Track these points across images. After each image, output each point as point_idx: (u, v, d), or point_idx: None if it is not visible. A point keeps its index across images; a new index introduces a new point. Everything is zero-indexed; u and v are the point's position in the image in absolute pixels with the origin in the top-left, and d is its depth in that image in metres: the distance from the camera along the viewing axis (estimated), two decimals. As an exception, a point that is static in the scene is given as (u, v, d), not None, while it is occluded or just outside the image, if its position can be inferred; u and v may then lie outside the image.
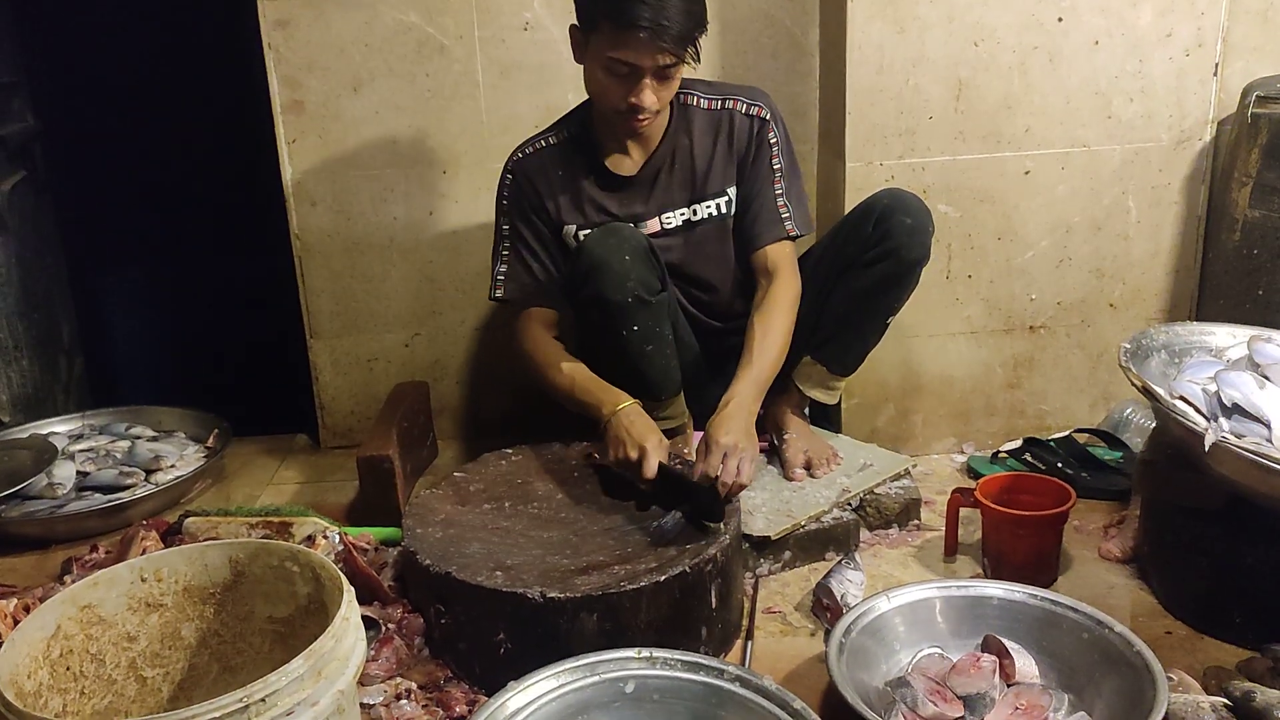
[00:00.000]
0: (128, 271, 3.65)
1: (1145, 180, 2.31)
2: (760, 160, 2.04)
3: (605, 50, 1.82)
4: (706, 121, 2.04)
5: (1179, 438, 1.69)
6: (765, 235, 2.04)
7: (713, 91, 2.05)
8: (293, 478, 2.51)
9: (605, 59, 1.83)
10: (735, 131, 2.03)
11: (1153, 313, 2.40)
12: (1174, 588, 1.80)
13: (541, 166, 2.04)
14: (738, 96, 2.04)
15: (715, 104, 2.04)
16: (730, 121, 2.03)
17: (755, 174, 2.04)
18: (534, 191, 2.04)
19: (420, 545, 1.70)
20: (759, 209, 2.04)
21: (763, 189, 2.04)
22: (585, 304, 1.94)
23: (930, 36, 2.19)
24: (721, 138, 2.03)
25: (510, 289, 2.07)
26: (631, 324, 1.93)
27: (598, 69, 1.86)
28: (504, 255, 2.08)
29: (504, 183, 2.07)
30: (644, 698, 1.45)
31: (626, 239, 1.91)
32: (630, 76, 1.83)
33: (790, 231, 2.04)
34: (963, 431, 2.45)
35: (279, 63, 2.37)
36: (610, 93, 1.87)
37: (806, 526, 1.96)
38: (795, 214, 2.05)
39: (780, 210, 2.04)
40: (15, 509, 2.22)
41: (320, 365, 2.60)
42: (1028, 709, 1.43)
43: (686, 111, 2.03)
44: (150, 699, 1.43)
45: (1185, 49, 2.23)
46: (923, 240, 2.01)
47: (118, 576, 1.39)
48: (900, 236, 1.99)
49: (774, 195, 2.04)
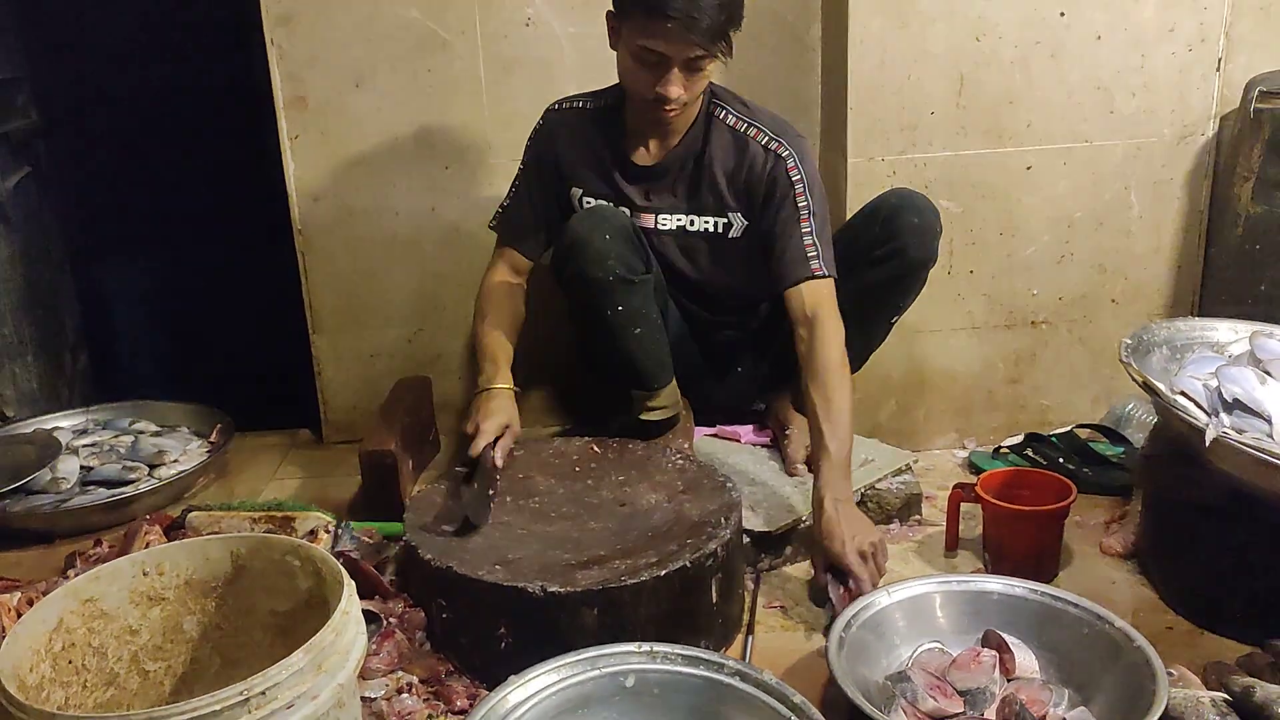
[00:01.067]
0: (131, 267, 3.66)
1: (1147, 175, 2.31)
2: (782, 198, 1.95)
3: (635, 38, 1.82)
4: (727, 140, 2.01)
5: (1180, 433, 1.69)
6: (794, 275, 1.91)
7: (744, 114, 2.01)
8: (295, 473, 2.52)
9: (635, 47, 1.83)
10: (748, 161, 1.98)
11: (1155, 308, 2.39)
12: (1175, 583, 1.80)
13: (570, 125, 2.08)
14: (763, 127, 1.99)
15: (741, 126, 2.00)
16: (745, 149, 1.99)
17: (779, 212, 1.95)
18: (555, 143, 2.08)
19: (421, 540, 1.71)
20: (787, 247, 1.93)
21: (789, 228, 1.94)
22: (569, 283, 1.96)
23: (932, 31, 2.18)
24: (733, 161, 2.00)
25: (502, 223, 2.13)
26: (615, 303, 1.94)
27: (628, 56, 1.87)
28: (513, 190, 2.13)
29: (536, 126, 2.13)
30: (644, 692, 1.45)
31: (608, 218, 1.93)
32: (659, 66, 1.83)
33: (816, 271, 1.91)
34: (964, 427, 2.45)
35: (281, 58, 2.37)
36: (639, 81, 1.88)
37: (807, 522, 1.96)
38: (824, 254, 1.93)
39: (808, 250, 1.92)
40: (19, 503, 2.23)
41: (323, 360, 2.61)
42: (1028, 704, 1.43)
43: (711, 124, 2.01)
44: (152, 692, 1.43)
45: (1188, 44, 2.22)
46: (930, 241, 2.00)
47: (119, 570, 1.39)
48: (907, 236, 1.98)
49: (801, 234, 1.93)
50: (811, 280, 1.91)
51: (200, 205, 3.56)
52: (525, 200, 2.11)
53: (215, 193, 3.48)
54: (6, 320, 2.64)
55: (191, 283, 3.63)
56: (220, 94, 3.33)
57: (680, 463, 1.93)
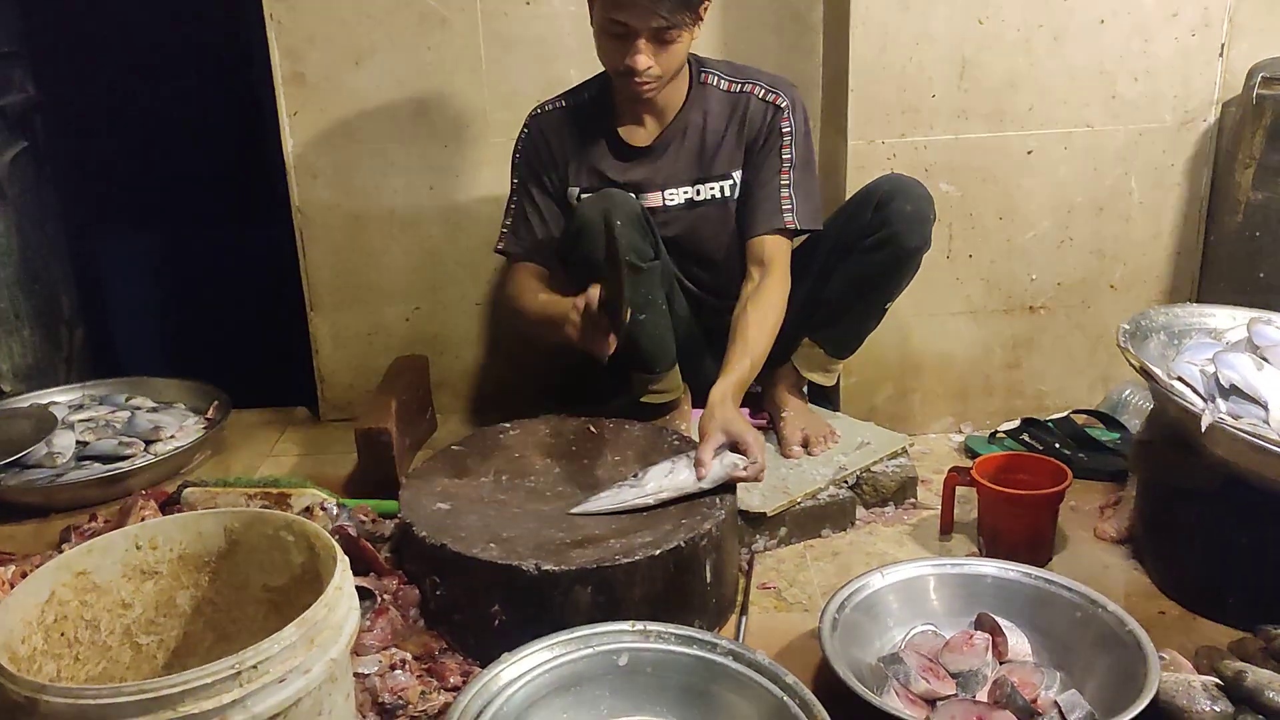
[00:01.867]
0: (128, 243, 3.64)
1: (1148, 161, 2.30)
2: (769, 148, 2.00)
3: (604, 10, 1.84)
4: (723, 103, 2.02)
5: (1176, 418, 1.69)
6: (762, 224, 2.00)
7: (735, 74, 2.03)
8: (292, 450, 2.52)
9: (604, 19, 1.85)
10: (749, 115, 2.01)
11: (1154, 294, 2.39)
12: (1168, 568, 1.81)
13: (555, 127, 2.06)
14: (758, 82, 2.02)
15: (735, 86, 2.02)
16: (746, 105, 2.01)
17: (762, 161, 2.01)
18: (546, 149, 2.06)
19: (417, 517, 1.71)
20: (761, 197, 2.01)
21: (768, 177, 2.00)
22: (576, 267, 1.95)
23: (934, 13, 2.17)
24: (734, 120, 2.01)
25: (511, 244, 2.10)
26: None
27: (599, 30, 1.88)
28: (511, 209, 2.11)
29: (520, 138, 2.10)
30: (637, 670, 1.46)
31: (619, 204, 1.91)
32: (626, 38, 1.84)
33: (789, 224, 1.98)
34: (961, 411, 2.45)
35: (281, 34, 2.36)
36: (609, 54, 1.89)
37: (802, 503, 1.96)
38: (800, 208, 1.99)
39: (783, 201, 1.99)
40: (15, 477, 2.23)
41: (320, 338, 2.60)
42: (1020, 686, 1.43)
43: (704, 90, 2.02)
44: (145, 666, 1.43)
45: (1191, 29, 2.21)
46: (923, 228, 1.99)
47: (113, 544, 1.39)
48: (900, 224, 1.98)
49: (778, 185, 2.00)
50: (779, 233, 1.98)
51: (198, 181, 3.55)
52: (528, 216, 2.08)
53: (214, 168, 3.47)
54: (3, 295, 2.63)
55: (189, 259, 3.62)
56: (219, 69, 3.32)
57: (677, 443, 1.93)
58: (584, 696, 1.44)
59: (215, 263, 3.51)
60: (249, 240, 3.21)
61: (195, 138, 3.53)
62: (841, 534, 2.01)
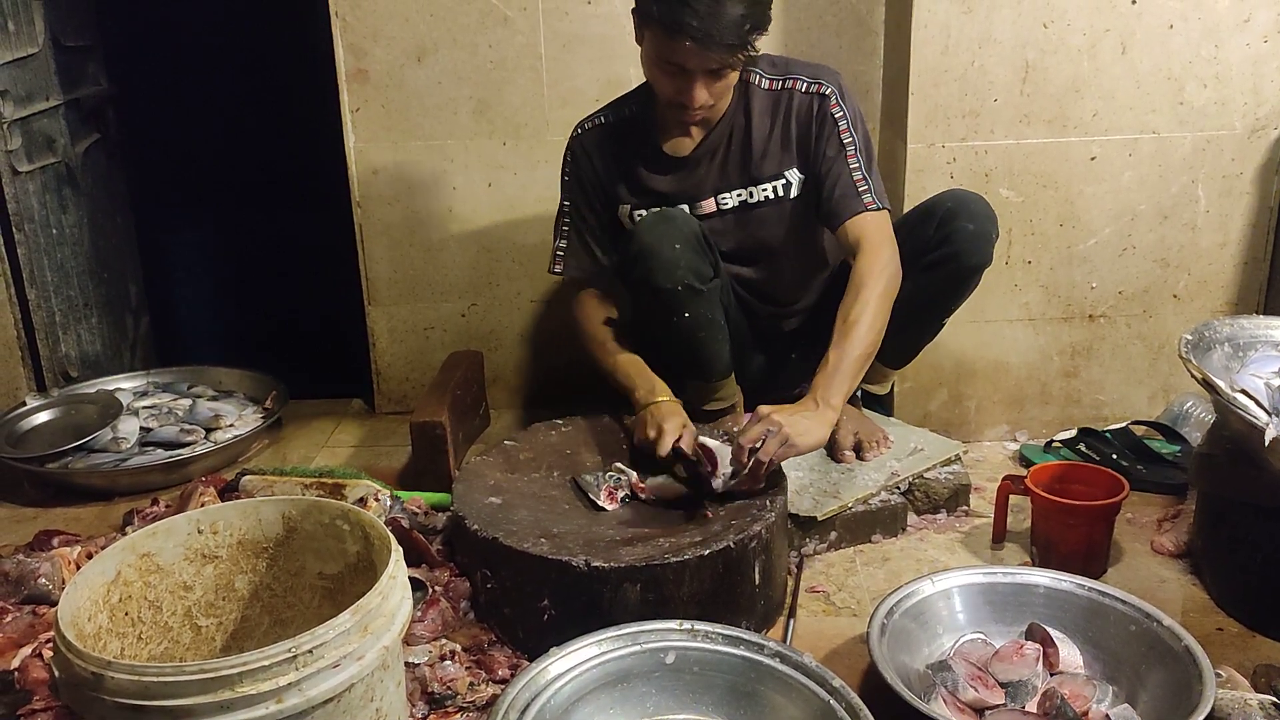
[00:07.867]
0: (193, 233, 3.73)
1: (1216, 169, 2.25)
2: (826, 135, 1.95)
3: (657, 48, 1.81)
4: (766, 102, 1.98)
5: (1239, 432, 1.66)
6: (843, 211, 1.92)
7: (777, 71, 1.99)
8: (347, 441, 2.56)
9: (656, 55, 1.83)
10: (795, 111, 1.97)
11: (1219, 305, 2.34)
12: (1227, 584, 1.77)
13: (599, 144, 2.05)
14: (800, 75, 1.97)
15: (777, 84, 1.97)
16: (790, 101, 1.97)
17: (825, 151, 1.95)
18: (591, 169, 2.05)
19: (469, 511, 1.73)
20: (833, 185, 1.93)
21: (835, 165, 1.94)
22: (637, 288, 1.95)
23: (998, 17, 2.15)
24: (780, 119, 1.98)
25: (570, 266, 2.09)
26: (683, 311, 1.94)
27: (651, 61, 1.86)
28: (564, 231, 2.09)
29: (566, 159, 2.08)
30: (684, 669, 1.46)
31: (679, 226, 1.91)
32: (680, 76, 1.82)
33: (869, 205, 1.91)
34: (1016, 419, 2.42)
35: (345, 31, 2.40)
36: (662, 85, 1.87)
37: (853, 508, 1.96)
38: (875, 187, 1.93)
39: (858, 184, 1.92)
40: (81, 461, 2.29)
41: (377, 332, 2.64)
42: (1071, 698, 1.42)
43: (747, 90, 1.98)
44: (204, 647, 1.47)
45: (1264, 35, 2.17)
46: (986, 248, 1.96)
47: (175, 527, 1.43)
48: (962, 242, 1.95)
49: (849, 169, 1.92)
50: (865, 213, 1.91)
51: (263, 174, 3.61)
52: (583, 239, 2.07)
53: (278, 162, 3.53)
54: (73, 283, 2.71)
55: (252, 250, 3.70)
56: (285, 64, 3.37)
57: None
58: (630, 693, 1.45)
59: (277, 254, 3.58)
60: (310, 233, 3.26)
61: (261, 130, 3.60)
62: (892, 540, 1.99)
